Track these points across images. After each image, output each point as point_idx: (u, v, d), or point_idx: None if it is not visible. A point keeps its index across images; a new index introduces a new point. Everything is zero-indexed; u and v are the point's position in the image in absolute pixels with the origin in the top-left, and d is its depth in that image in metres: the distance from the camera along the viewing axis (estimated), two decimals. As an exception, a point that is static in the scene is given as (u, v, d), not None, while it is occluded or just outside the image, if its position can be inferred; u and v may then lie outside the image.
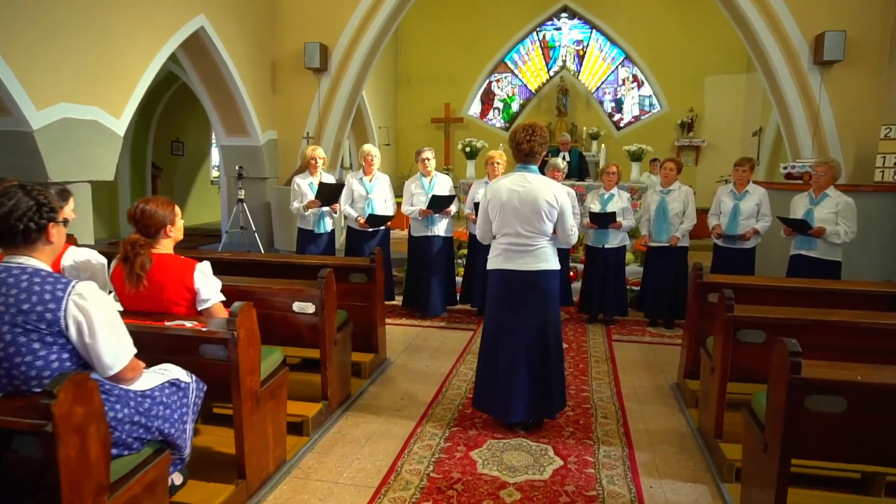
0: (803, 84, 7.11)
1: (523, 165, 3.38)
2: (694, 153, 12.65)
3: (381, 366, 4.61)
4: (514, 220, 3.31)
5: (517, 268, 3.34)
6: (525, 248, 3.33)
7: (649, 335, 5.66)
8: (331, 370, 3.65)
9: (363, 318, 4.48)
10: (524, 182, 3.31)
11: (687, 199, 5.72)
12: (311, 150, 5.85)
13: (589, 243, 5.96)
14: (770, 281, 3.96)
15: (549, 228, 3.34)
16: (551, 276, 3.37)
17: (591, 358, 4.93)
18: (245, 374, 2.65)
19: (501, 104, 13.93)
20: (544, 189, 3.28)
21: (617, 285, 5.88)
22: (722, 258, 5.65)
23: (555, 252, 3.42)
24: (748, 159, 5.57)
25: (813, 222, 5.00)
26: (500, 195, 3.35)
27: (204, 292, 2.78)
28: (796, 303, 3.73)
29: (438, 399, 4.04)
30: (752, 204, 5.49)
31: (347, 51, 8.20)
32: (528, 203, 3.28)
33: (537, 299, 3.36)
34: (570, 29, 13.41)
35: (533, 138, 3.29)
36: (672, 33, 12.45)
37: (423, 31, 13.59)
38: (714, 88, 12.39)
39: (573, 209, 5.80)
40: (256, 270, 4.55)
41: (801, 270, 5.12)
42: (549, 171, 5.84)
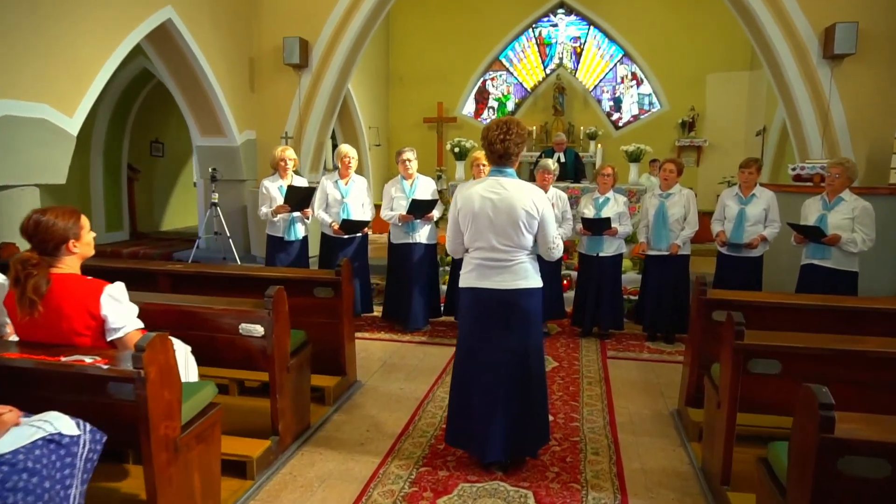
0: (812, 80, 6.67)
1: (498, 169, 2.94)
2: (695, 153, 12.20)
3: (350, 390, 4.16)
4: (488, 232, 2.87)
5: (492, 286, 2.90)
6: (501, 263, 2.89)
7: (647, 351, 5.21)
8: (283, 401, 3.20)
9: (329, 338, 4.04)
10: (499, 188, 2.87)
11: (688, 204, 5.28)
12: (280, 150, 5.42)
13: (582, 251, 5.51)
14: (783, 298, 3.51)
15: (529, 241, 2.90)
16: (532, 294, 2.92)
17: (583, 379, 4.48)
18: (158, 420, 2.21)
19: (496, 103, 13.49)
20: (522, 196, 2.84)
21: (613, 297, 5.43)
22: (726, 267, 5.20)
23: (536, 267, 2.98)
24: (755, 160, 5.12)
25: (827, 229, 4.55)
26: (471, 204, 2.90)
27: (114, 319, 2.34)
28: (814, 324, 3.29)
29: (409, 430, 3.59)
30: (760, 209, 5.04)
31: (329, 46, 7.76)
32: (504, 212, 2.84)
33: (516, 322, 2.91)
34: (566, 25, 12.98)
35: (508, 137, 2.85)
36: (672, 29, 12.01)
37: (416, 29, 13.16)
38: (716, 86, 11.95)
39: (565, 214, 5.41)
40: (211, 284, 4.12)
41: (814, 282, 4.67)
42: (539, 173, 5.40)
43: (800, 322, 3.38)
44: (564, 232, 5.33)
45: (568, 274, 6.72)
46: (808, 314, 3.37)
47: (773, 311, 3.42)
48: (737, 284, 5.07)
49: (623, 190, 7.67)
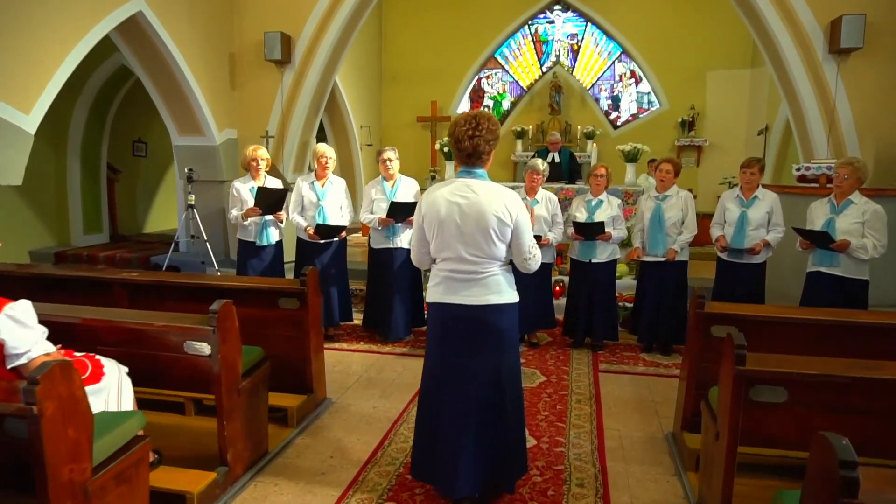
0: (817, 76, 6.33)
1: (467, 169, 2.61)
2: (695, 153, 11.87)
3: (317, 409, 3.84)
4: (456, 241, 2.54)
5: (461, 301, 2.58)
6: (471, 275, 2.57)
7: (643, 364, 4.88)
8: (233, 427, 2.88)
9: (293, 352, 3.73)
10: (467, 192, 2.55)
11: (686, 207, 4.95)
12: (251, 149, 5.10)
13: (574, 257, 5.19)
14: (788, 312, 3.18)
15: (502, 251, 2.58)
16: (505, 311, 2.60)
17: (571, 396, 4.15)
18: (60, 463, 1.89)
19: (492, 102, 13.16)
20: (493, 200, 2.52)
21: (606, 306, 5.10)
22: (726, 274, 4.87)
23: (511, 280, 2.65)
24: (757, 160, 4.79)
25: (835, 234, 4.23)
26: (436, 209, 2.58)
27: (13, 344, 2.02)
28: (823, 341, 2.97)
29: (377, 457, 3.27)
30: (762, 212, 4.72)
31: (313, 41, 7.43)
32: (472, 219, 2.52)
33: (488, 341, 2.59)
34: (563, 22, 12.64)
35: (477, 134, 2.52)
36: (672, 26, 11.68)
37: (409, 25, 12.85)
38: (717, 84, 11.61)
39: (555, 217, 5.08)
40: (171, 295, 3.81)
41: (821, 291, 4.35)
42: (528, 174, 5.07)
43: (807, 339, 3.06)
44: (555, 237, 5.02)
45: (560, 280, 6.40)
46: (817, 330, 3.05)
47: (777, 326, 3.10)
48: (738, 292, 4.76)
49: (619, 192, 7.38)
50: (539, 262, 2.67)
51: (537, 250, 2.65)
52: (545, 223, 5.02)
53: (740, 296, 4.75)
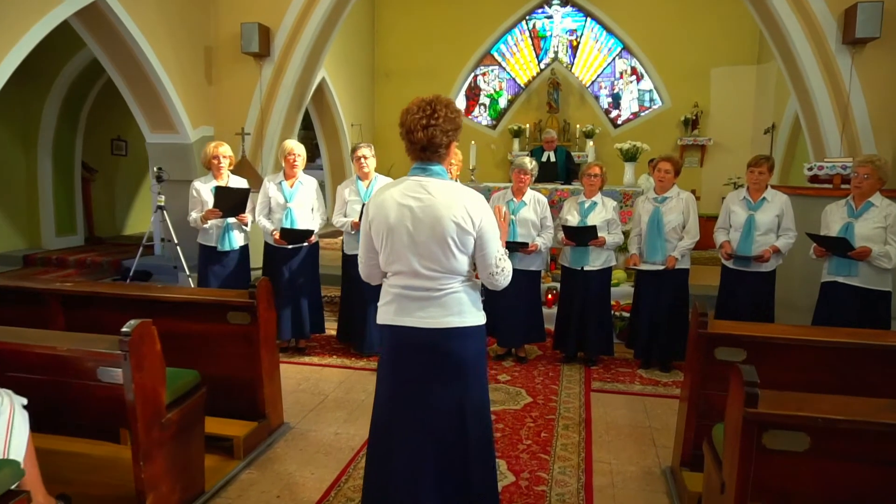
0: (830, 68, 5.89)
1: (421, 165, 2.19)
2: (699, 153, 11.43)
3: (270, 436, 3.41)
4: (408, 252, 2.12)
5: (415, 323, 2.15)
6: (427, 293, 2.14)
7: (640, 381, 4.45)
8: (154, 467, 2.46)
9: (244, 373, 3.31)
10: (421, 192, 2.13)
11: (687, 209, 4.52)
12: (212, 146, 4.69)
13: (565, 264, 4.75)
14: (804, 333, 2.74)
15: (463, 263, 2.15)
16: (468, 335, 2.17)
17: (559, 421, 3.72)
18: None
19: (488, 100, 12.73)
20: (452, 203, 2.10)
21: (600, 318, 4.67)
22: (732, 284, 4.44)
23: (476, 298, 2.22)
24: (766, 158, 4.36)
25: (854, 240, 3.80)
26: (385, 213, 2.16)
27: None
28: (847, 369, 2.54)
29: (330, 496, 2.85)
30: (772, 215, 4.29)
31: (293, 33, 7.02)
32: (427, 225, 2.09)
33: (447, 372, 2.16)
34: (562, 17, 12.20)
35: (433, 123, 2.09)
36: (674, 21, 11.24)
37: (403, 21, 12.43)
38: (721, 81, 11.17)
39: (544, 220, 4.64)
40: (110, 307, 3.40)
41: (838, 303, 3.92)
42: (515, 173, 4.65)
43: (827, 365, 2.63)
44: (544, 242, 4.59)
45: (554, 287, 5.97)
46: (839, 355, 2.61)
47: (792, 350, 2.66)
48: (744, 304, 4.34)
49: (618, 193, 6.94)
50: (509, 278, 2.24)
51: (507, 263, 2.22)
52: (533, 227, 4.59)
53: (747, 308, 4.34)
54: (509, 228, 4.56)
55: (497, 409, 3.85)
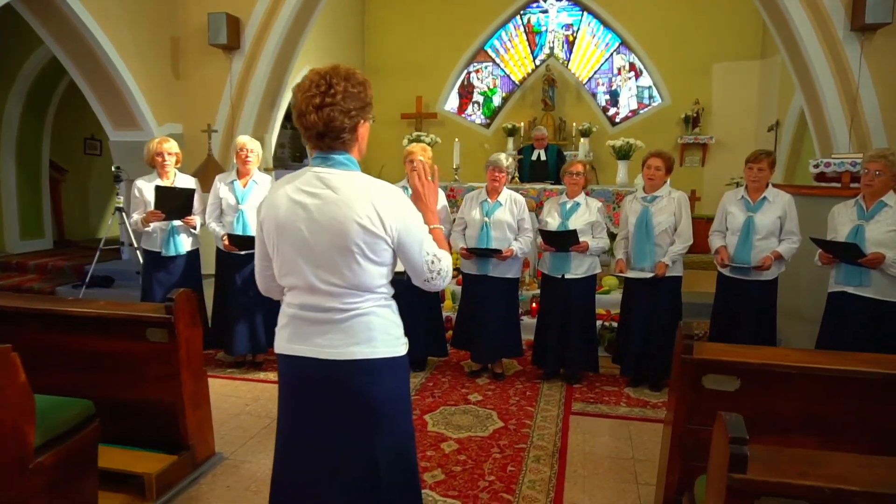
0: (837, 57, 5.43)
1: (322, 155, 1.75)
2: (700, 152, 10.96)
3: (196, 471, 2.98)
4: (303, 262, 1.70)
5: (313, 353, 1.72)
6: (327, 314, 1.71)
7: (626, 402, 4.00)
8: (19, 523, 2.04)
9: (162, 399, 2.89)
10: (319, 187, 1.70)
11: (679, 210, 4.07)
12: (155, 142, 4.29)
13: (545, 271, 4.31)
14: (811, 360, 2.28)
15: (374, 277, 1.72)
16: (381, 370, 1.73)
17: (530, 450, 3.28)
18: None
19: (482, 98, 12.29)
20: (357, 200, 1.67)
21: (584, 331, 4.22)
22: (729, 294, 4.00)
23: (392, 322, 1.78)
24: (766, 153, 3.93)
25: (864, 245, 3.36)
26: (275, 212, 1.73)
27: None
28: (863, 401, 2.10)
29: (247, 550, 2.42)
30: (773, 217, 3.84)
31: (264, 24, 6.62)
32: (325, 228, 1.67)
33: (354, 415, 1.73)
34: (558, 12, 11.75)
35: (330, 102, 1.65)
36: (674, 15, 10.77)
37: (394, 16, 12.01)
38: (723, 77, 10.70)
39: (521, 222, 4.20)
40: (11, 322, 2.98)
41: (847, 317, 3.48)
42: (489, 171, 4.22)
43: (840, 397, 2.19)
44: (521, 246, 4.15)
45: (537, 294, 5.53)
46: (854, 386, 2.17)
47: (795, 379, 2.22)
48: (743, 316, 3.91)
49: (611, 193, 6.52)
50: (448, 278, 1.81)
51: (443, 261, 1.78)
52: (510, 230, 4.16)
53: (746, 320, 3.90)
54: (482, 233, 4.13)
55: (461, 437, 3.41)
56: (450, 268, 1.81)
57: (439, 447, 3.29)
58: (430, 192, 1.90)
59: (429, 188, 1.90)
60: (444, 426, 3.56)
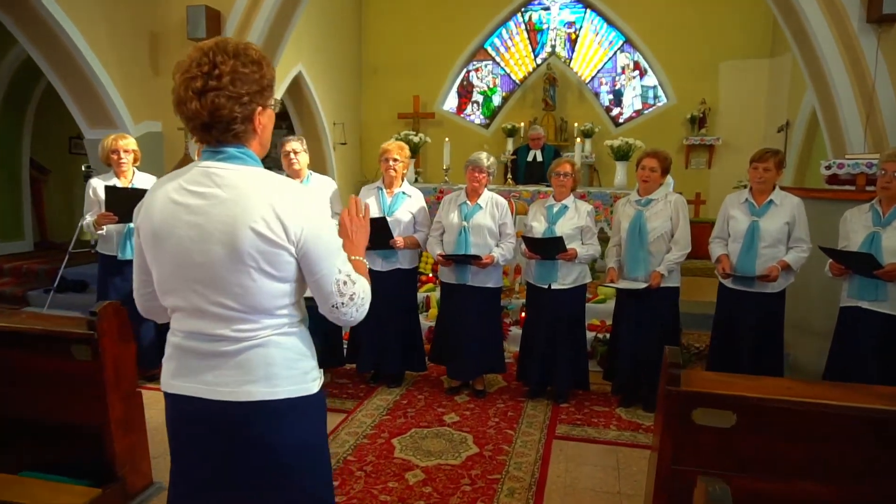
0: (853, 52, 5.06)
1: (211, 150, 1.42)
2: (706, 153, 10.58)
3: (129, 503, 2.67)
4: (185, 278, 1.38)
5: (203, 393, 1.39)
6: (217, 344, 1.39)
7: (616, 424, 3.65)
8: None
9: (89, 422, 2.58)
10: (207, 185, 1.37)
11: (677, 215, 3.72)
12: (111, 139, 3.99)
13: (530, 280, 3.98)
14: (819, 393, 1.92)
15: (275, 297, 1.40)
16: (286, 414, 1.41)
17: (504, 482, 2.94)
18: None
19: (481, 97, 11.96)
20: (251, 200, 1.34)
21: (572, 346, 3.87)
22: (731, 308, 3.65)
23: (297, 353, 1.45)
24: (773, 152, 3.60)
25: (881, 255, 3.00)
26: (151, 216, 1.42)
27: None
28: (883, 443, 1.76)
29: None
30: (780, 222, 3.49)
31: (245, 18, 6.33)
32: (211, 235, 1.34)
33: (256, 467, 1.40)
34: (560, 9, 11.40)
35: (215, 85, 1.33)
36: (680, 11, 10.40)
37: (392, 14, 11.70)
38: (731, 76, 10.31)
39: (503, 228, 3.86)
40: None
41: (861, 334, 3.14)
42: (468, 172, 3.89)
43: (853, 437, 1.84)
44: (502, 253, 3.82)
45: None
46: (870, 425, 1.82)
47: (800, 416, 1.87)
48: (746, 331, 3.55)
49: (608, 196, 6.18)
50: (364, 308, 1.48)
51: (359, 286, 1.46)
52: (490, 235, 3.82)
53: (749, 335, 3.55)
54: (461, 238, 3.80)
55: (430, 465, 3.08)
56: (367, 297, 1.48)
57: (403, 477, 2.96)
58: (357, 230, 1.60)
59: (357, 224, 1.60)
60: (412, 452, 3.23)
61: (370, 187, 4.14)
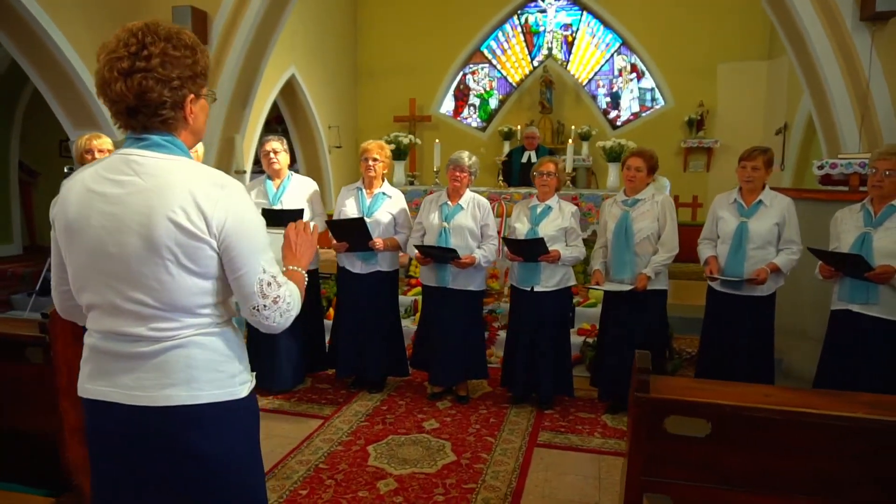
0: (846, 50, 4.95)
1: (135, 137, 1.33)
2: (705, 156, 10.48)
3: (83, 515, 2.57)
4: (100, 273, 1.28)
5: (120, 398, 1.30)
6: (134, 344, 1.30)
7: (601, 432, 3.54)
8: None
9: (42, 429, 2.48)
10: (126, 173, 1.28)
11: (663, 216, 3.61)
12: (85, 138, 3.88)
13: (514, 283, 3.87)
14: (802, 402, 1.81)
15: (193, 292, 1.30)
16: (210, 418, 1.31)
17: (478, 493, 2.83)
18: None
19: (478, 100, 11.89)
20: (171, 189, 1.25)
21: (555, 351, 3.76)
22: (720, 311, 3.54)
23: (224, 355, 1.35)
24: (762, 150, 3.48)
25: (872, 257, 2.89)
26: (65, 206, 1.33)
27: None
28: (873, 458, 1.65)
29: None
30: (769, 223, 3.37)
31: (231, 20, 6.26)
32: (127, 225, 1.25)
33: (177, 479, 1.30)
34: (556, 11, 11.34)
35: (141, 66, 1.25)
36: (678, 13, 10.32)
37: (388, 16, 11.64)
38: (729, 78, 10.21)
39: (485, 229, 3.76)
40: None
41: (852, 338, 3.02)
42: (449, 171, 3.80)
43: (839, 449, 1.73)
44: (484, 255, 3.71)
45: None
46: (859, 437, 1.71)
47: (781, 426, 1.76)
48: (735, 336, 3.44)
49: (599, 198, 6.06)
50: (289, 315, 1.38)
51: (283, 290, 1.35)
52: (472, 236, 3.72)
53: (738, 340, 3.44)
54: (441, 239, 3.70)
55: (404, 473, 2.97)
56: (294, 304, 1.38)
57: (374, 486, 2.85)
58: (302, 243, 1.51)
59: (303, 238, 1.51)
60: (386, 460, 3.12)
61: (350, 188, 4.04)
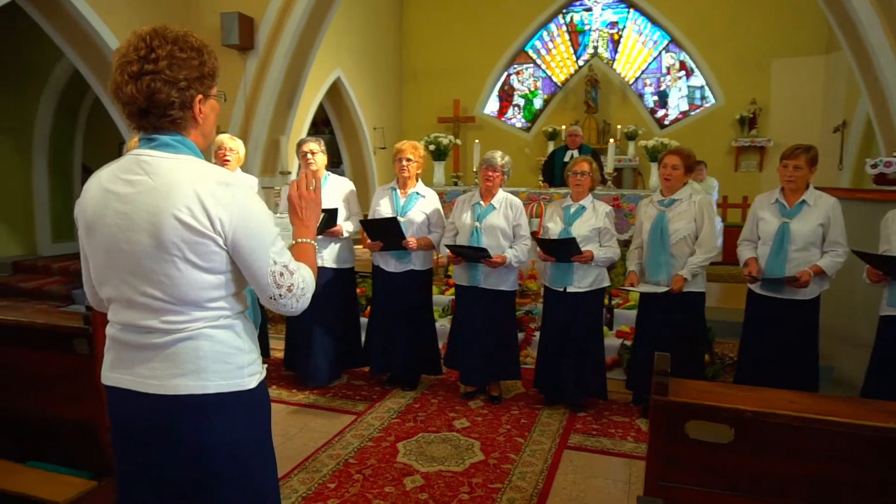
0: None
1: (147, 137, 1.39)
2: (757, 156, 10.12)
3: (123, 499, 2.70)
4: (116, 268, 1.35)
5: (137, 386, 1.36)
6: (147, 336, 1.35)
7: (634, 436, 3.47)
8: None
9: (85, 417, 2.62)
10: (137, 173, 1.34)
11: (701, 216, 3.51)
12: (134, 140, 4.07)
13: (546, 283, 3.84)
14: (829, 409, 1.74)
15: (201, 287, 1.34)
16: (215, 411, 1.35)
17: (504, 493, 2.81)
18: None
19: (522, 101, 11.83)
20: (177, 189, 1.30)
21: (588, 353, 3.71)
22: (759, 315, 3.42)
23: (234, 346, 1.40)
24: (805, 149, 3.35)
25: (925, 260, 2.74)
26: (84, 204, 1.40)
27: None
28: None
29: None
30: (813, 224, 3.24)
31: (277, 24, 6.43)
32: (138, 226, 1.31)
33: (187, 469, 1.35)
34: (602, 9, 11.18)
35: (152, 69, 1.31)
36: (728, 8, 10.03)
37: (432, 18, 11.73)
38: (783, 74, 9.84)
39: (517, 229, 3.75)
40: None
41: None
42: (482, 171, 3.80)
43: (870, 461, 1.65)
44: (516, 254, 3.70)
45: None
46: (877, 445, 1.63)
47: (808, 435, 1.69)
48: (777, 341, 3.31)
49: (640, 198, 5.93)
50: (305, 299, 1.42)
51: (297, 276, 1.40)
52: (504, 236, 3.71)
53: (780, 346, 3.31)
54: (473, 239, 3.70)
55: (431, 471, 2.99)
56: (308, 286, 1.43)
57: (401, 482, 2.88)
58: (307, 205, 1.54)
59: (307, 199, 1.54)
60: (415, 457, 3.15)
61: (384, 187, 4.09)
